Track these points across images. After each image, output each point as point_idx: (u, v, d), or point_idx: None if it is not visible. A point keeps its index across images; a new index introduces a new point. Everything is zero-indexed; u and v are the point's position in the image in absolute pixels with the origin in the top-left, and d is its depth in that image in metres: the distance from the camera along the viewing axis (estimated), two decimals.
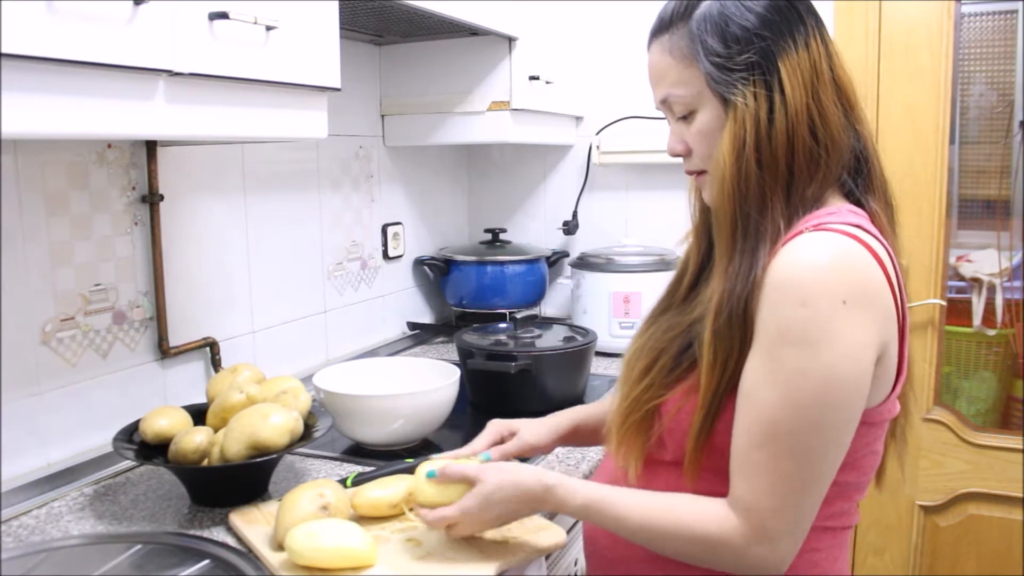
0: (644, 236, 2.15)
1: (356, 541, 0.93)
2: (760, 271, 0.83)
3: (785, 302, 0.79)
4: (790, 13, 0.86)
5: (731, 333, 0.83)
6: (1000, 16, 2.02)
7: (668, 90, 0.90)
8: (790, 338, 0.79)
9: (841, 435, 0.81)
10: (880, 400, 0.86)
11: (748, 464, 0.81)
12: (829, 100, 0.86)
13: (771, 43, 0.84)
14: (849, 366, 0.79)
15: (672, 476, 0.91)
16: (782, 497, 0.80)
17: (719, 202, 0.87)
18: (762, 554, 0.81)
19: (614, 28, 2.17)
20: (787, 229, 0.84)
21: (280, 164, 1.68)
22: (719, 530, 0.82)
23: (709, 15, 0.86)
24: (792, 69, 0.84)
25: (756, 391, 0.81)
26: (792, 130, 0.84)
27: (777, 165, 0.84)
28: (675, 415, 0.89)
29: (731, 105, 0.85)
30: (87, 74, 0.85)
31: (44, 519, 1.11)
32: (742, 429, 0.82)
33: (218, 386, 1.23)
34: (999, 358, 2.08)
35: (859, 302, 0.79)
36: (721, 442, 0.85)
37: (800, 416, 0.79)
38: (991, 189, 2.04)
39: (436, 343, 2.10)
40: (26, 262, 1.18)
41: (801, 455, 0.80)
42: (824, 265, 0.79)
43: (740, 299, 0.83)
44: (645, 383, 0.92)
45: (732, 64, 0.84)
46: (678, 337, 0.92)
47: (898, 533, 2.05)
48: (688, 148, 0.92)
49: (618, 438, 0.95)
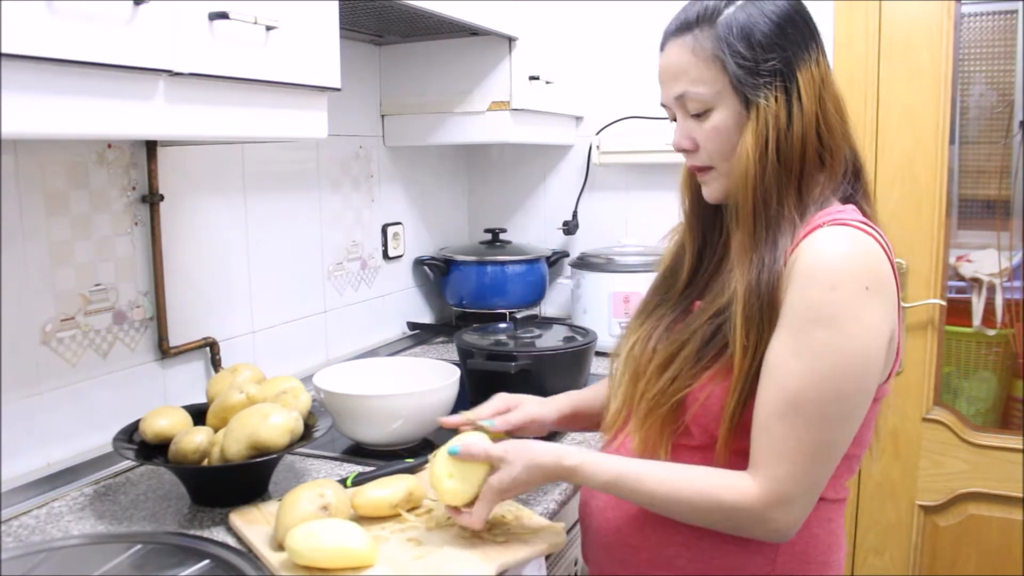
0: (644, 236, 2.15)
1: (356, 541, 0.93)
2: (783, 260, 0.89)
3: (815, 285, 0.86)
4: (805, 29, 0.94)
5: (761, 318, 0.89)
6: (1000, 16, 2.02)
7: (686, 87, 0.94)
8: (817, 318, 0.85)
9: (857, 408, 0.88)
10: (883, 379, 0.93)
11: (770, 434, 0.87)
12: (832, 111, 0.94)
13: (791, 53, 0.92)
14: (868, 344, 0.86)
15: (698, 459, 0.94)
16: (800, 464, 0.86)
17: (743, 196, 0.93)
18: (778, 518, 0.87)
19: (614, 28, 2.17)
20: (800, 223, 0.91)
21: (280, 164, 1.68)
22: (739, 496, 0.88)
23: (736, 20, 0.91)
24: (808, 79, 0.92)
25: (782, 367, 0.87)
26: (805, 134, 0.92)
27: (792, 164, 0.92)
28: (704, 402, 0.93)
29: (753, 106, 0.91)
30: (87, 74, 0.85)
31: (44, 519, 1.11)
32: (766, 401, 0.88)
33: (218, 386, 1.23)
34: (999, 358, 2.08)
35: (878, 289, 0.86)
36: (750, 424, 0.90)
37: (822, 387, 0.85)
38: (991, 189, 2.04)
39: (436, 343, 2.10)
40: (26, 262, 1.18)
41: (821, 425, 0.86)
42: (850, 254, 0.87)
43: (768, 286, 0.89)
44: (668, 375, 0.96)
45: (759, 68, 0.91)
46: (700, 328, 0.95)
47: (898, 533, 2.05)
48: (696, 144, 0.97)
49: (643, 432, 0.98)
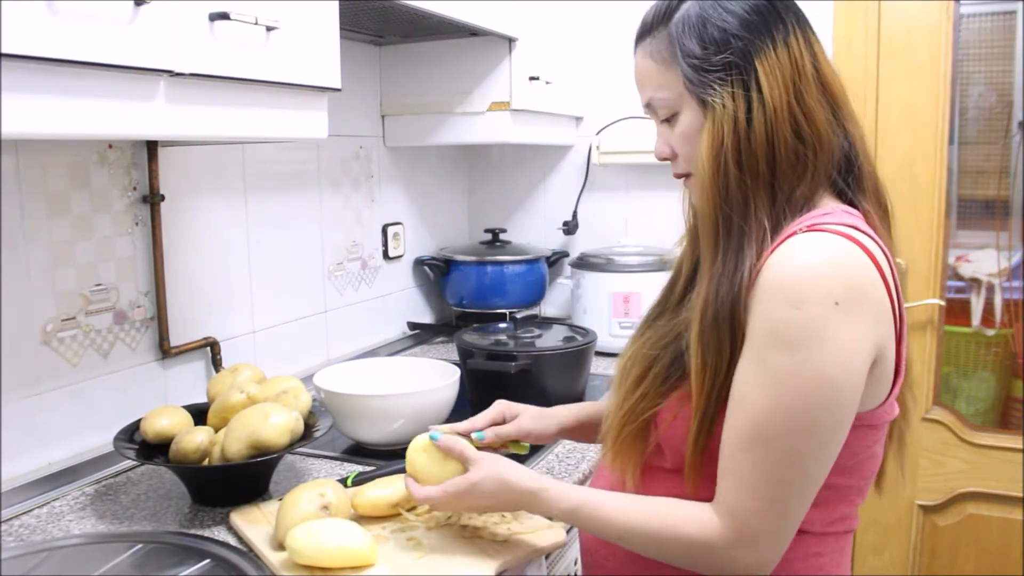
0: (644, 236, 2.16)
1: (356, 541, 0.93)
2: (746, 272, 0.81)
3: (777, 303, 0.78)
4: (769, 13, 0.85)
5: (718, 335, 0.82)
6: (999, 16, 2.02)
7: (651, 93, 0.91)
8: (781, 340, 0.77)
9: (830, 439, 0.80)
10: (878, 403, 0.85)
11: (734, 466, 0.80)
12: (813, 99, 0.84)
13: (748, 43, 0.83)
14: (840, 368, 0.77)
15: (672, 483, 0.89)
16: (767, 500, 0.79)
17: (700, 204, 0.88)
18: (744, 557, 0.80)
19: (614, 28, 2.17)
20: (775, 230, 0.83)
21: (280, 164, 1.68)
22: (701, 533, 0.81)
23: (688, 18, 0.86)
24: (770, 68, 0.83)
25: (745, 393, 0.80)
26: (772, 130, 0.83)
27: (757, 165, 0.83)
28: (671, 423, 0.88)
29: (709, 107, 0.84)
30: (88, 74, 0.85)
31: (45, 518, 1.12)
32: (730, 431, 0.81)
33: (219, 386, 1.23)
34: (998, 358, 2.08)
35: (852, 303, 0.77)
36: (718, 449, 0.84)
37: (789, 419, 0.77)
38: (990, 189, 2.03)
39: (436, 343, 2.10)
40: (27, 262, 1.18)
41: (788, 458, 0.78)
42: (817, 265, 0.77)
43: (725, 301, 0.82)
44: (639, 393, 0.91)
45: (708, 65, 0.84)
46: (670, 345, 0.90)
47: (897, 533, 2.05)
48: (673, 151, 0.92)
49: (614, 449, 0.93)
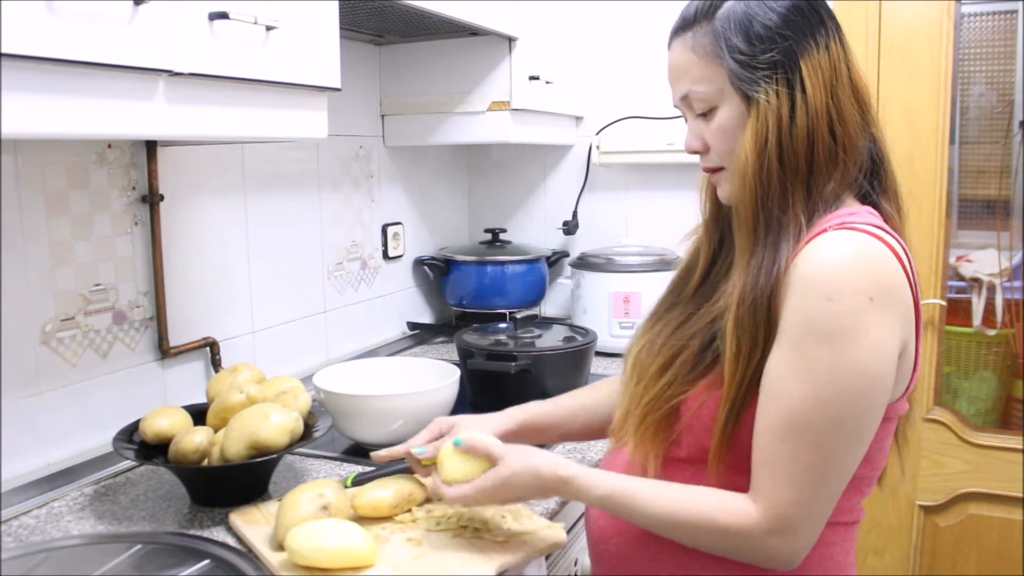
0: (644, 236, 2.15)
1: (356, 541, 0.93)
2: (783, 265, 0.84)
3: (812, 297, 0.80)
4: (812, 15, 0.87)
5: (754, 325, 0.84)
6: (1000, 16, 2.02)
7: (689, 87, 0.91)
8: (818, 332, 0.80)
9: (864, 430, 0.83)
10: (898, 396, 0.88)
11: (771, 456, 0.82)
12: (847, 101, 0.88)
13: (793, 43, 0.86)
14: (874, 361, 0.80)
15: (687, 473, 0.91)
16: (803, 489, 0.81)
17: (740, 197, 0.88)
18: (779, 545, 0.82)
19: (614, 28, 2.17)
20: (808, 225, 0.86)
21: (280, 164, 1.68)
22: (738, 521, 0.83)
23: (733, 14, 0.87)
24: (813, 69, 0.86)
25: (780, 385, 0.82)
26: (812, 128, 0.86)
27: (797, 162, 0.86)
28: (696, 411, 0.89)
29: (754, 102, 0.86)
30: (87, 74, 0.85)
31: (44, 519, 1.11)
32: (765, 422, 0.83)
33: (218, 386, 1.23)
34: (999, 358, 2.08)
35: (884, 300, 0.80)
36: (745, 439, 0.86)
37: (825, 410, 0.80)
38: (991, 189, 2.03)
39: (436, 343, 2.10)
40: (26, 262, 1.18)
41: (824, 448, 0.81)
42: (851, 262, 0.80)
43: (763, 292, 0.84)
44: (665, 380, 0.92)
45: (756, 62, 0.86)
46: (699, 333, 0.92)
47: (898, 533, 2.05)
48: (706, 145, 0.93)
49: (637, 437, 0.94)
